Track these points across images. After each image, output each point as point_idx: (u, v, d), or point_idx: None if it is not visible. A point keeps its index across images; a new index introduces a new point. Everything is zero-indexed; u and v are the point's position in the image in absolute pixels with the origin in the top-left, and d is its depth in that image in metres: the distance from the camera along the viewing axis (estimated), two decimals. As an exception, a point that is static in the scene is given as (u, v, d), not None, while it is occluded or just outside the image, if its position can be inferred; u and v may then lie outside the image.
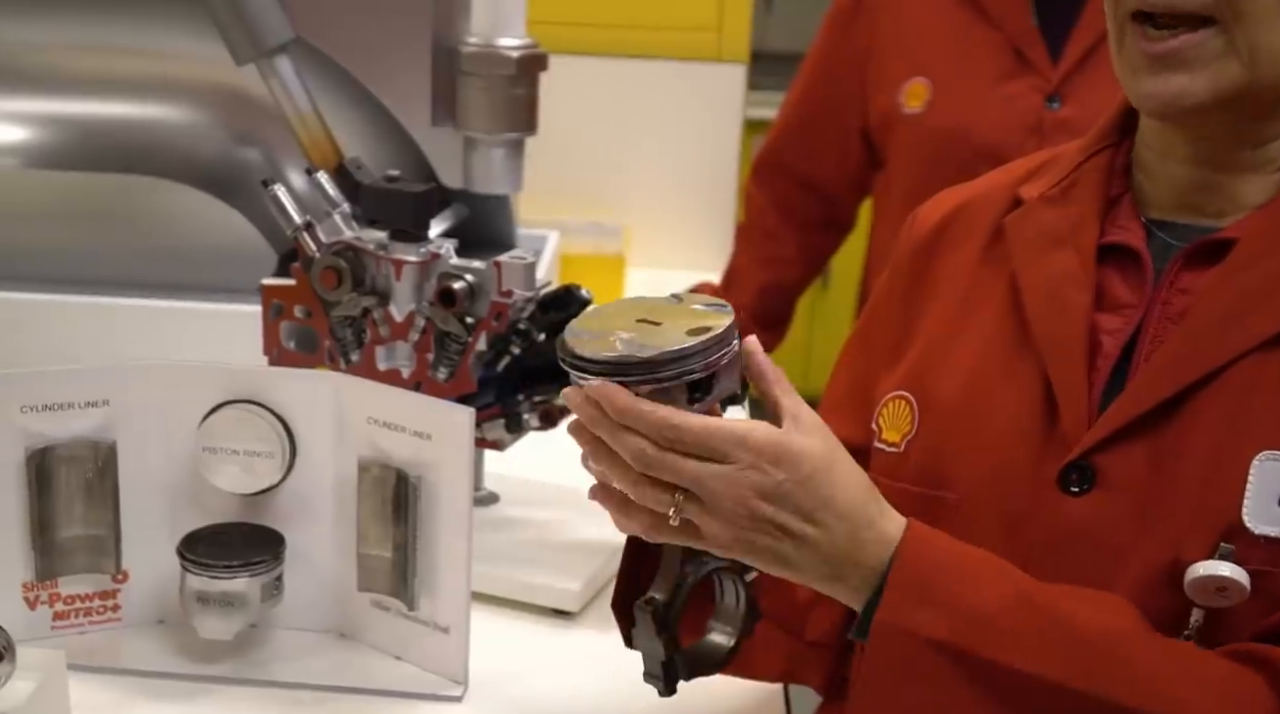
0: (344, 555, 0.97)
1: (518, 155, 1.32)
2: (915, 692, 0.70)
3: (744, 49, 2.01)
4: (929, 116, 1.52)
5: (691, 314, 0.73)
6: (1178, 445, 0.75)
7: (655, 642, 0.75)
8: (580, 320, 0.74)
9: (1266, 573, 0.72)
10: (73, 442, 0.94)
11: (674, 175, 2.02)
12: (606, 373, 0.69)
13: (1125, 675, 0.69)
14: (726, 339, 0.71)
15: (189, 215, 1.43)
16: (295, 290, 1.08)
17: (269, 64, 1.22)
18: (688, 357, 0.69)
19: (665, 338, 0.70)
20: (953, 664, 0.69)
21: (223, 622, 0.93)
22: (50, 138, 1.49)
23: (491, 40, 1.27)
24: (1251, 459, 0.73)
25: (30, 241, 1.45)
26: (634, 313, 0.73)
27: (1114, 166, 0.85)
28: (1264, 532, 0.72)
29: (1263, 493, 0.72)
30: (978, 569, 0.72)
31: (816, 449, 0.71)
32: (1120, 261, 0.82)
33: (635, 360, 0.69)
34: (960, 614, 0.70)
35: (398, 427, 0.93)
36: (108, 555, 0.96)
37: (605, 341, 0.70)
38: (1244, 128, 0.78)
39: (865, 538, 0.72)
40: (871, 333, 0.95)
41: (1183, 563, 0.73)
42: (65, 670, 0.87)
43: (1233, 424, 0.74)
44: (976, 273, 0.88)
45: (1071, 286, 0.81)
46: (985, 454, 0.81)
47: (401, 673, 0.95)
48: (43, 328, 1.38)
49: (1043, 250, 0.84)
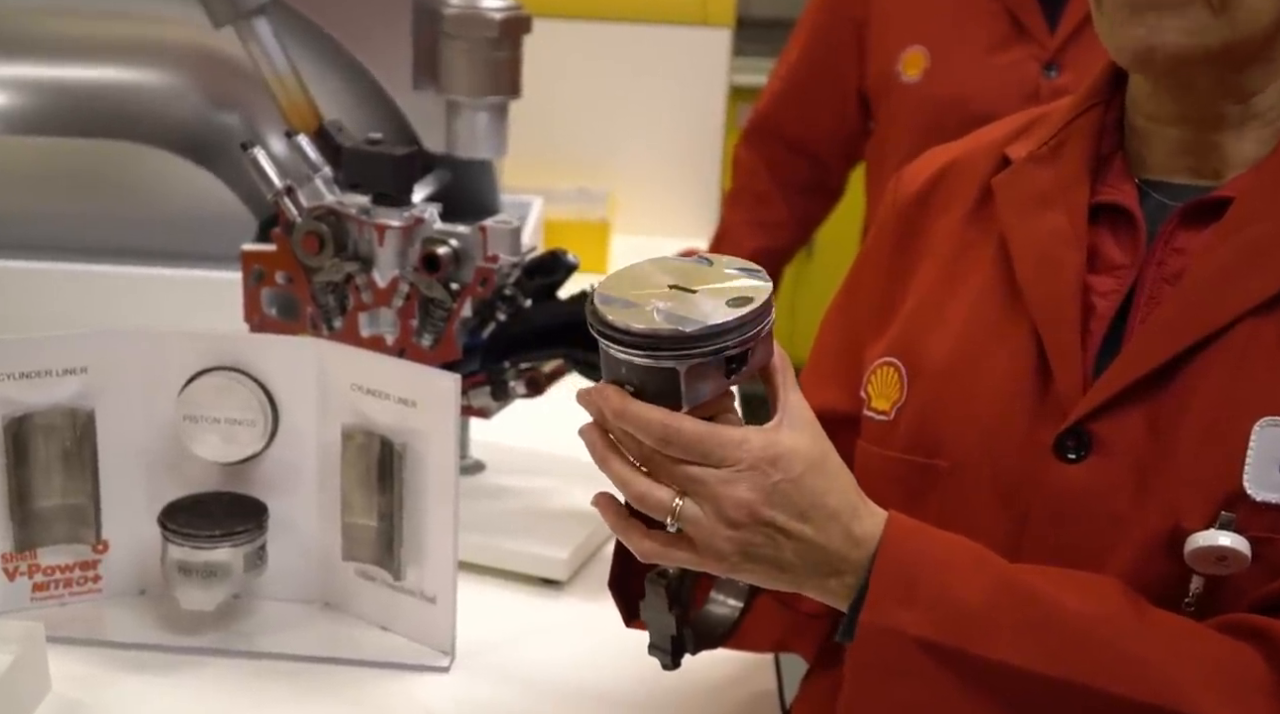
0: (328, 524, 0.96)
1: (501, 119, 1.31)
2: (902, 689, 0.69)
3: (729, 13, 2.01)
4: (926, 85, 1.52)
5: (727, 281, 0.69)
6: (1176, 410, 0.74)
7: (667, 616, 0.73)
8: (608, 283, 0.70)
9: (1267, 540, 0.71)
10: (50, 410, 0.93)
11: (659, 141, 2.02)
12: (644, 347, 0.66)
13: (1112, 662, 0.67)
14: (766, 311, 0.68)
15: (167, 181, 1.42)
16: (276, 256, 1.07)
17: (247, 26, 1.20)
18: (729, 330, 0.66)
19: (704, 309, 0.67)
20: (938, 661, 0.68)
21: (205, 592, 0.92)
22: (24, 102, 1.48)
23: (474, 2, 1.26)
24: (1252, 424, 0.71)
25: (5, 208, 1.44)
26: (665, 277, 0.70)
27: (1104, 124, 0.84)
28: (1265, 498, 0.71)
29: (1264, 459, 0.71)
30: (960, 562, 0.70)
31: (806, 447, 0.70)
32: (1113, 221, 0.81)
33: (677, 335, 0.65)
34: (943, 611, 0.68)
35: (382, 394, 0.91)
36: (87, 525, 0.95)
37: (641, 312, 0.67)
38: (1227, 80, 0.77)
39: (853, 534, 0.70)
40: (856, 297, 0.93)
41: (1183, 531, 0.72)
42: (44, 642, 0.86)
43: (1232, 388, 0.73)
44: (964, 235, 0.86)
45: (1063, 247, 0.80)
46: (977, 421, 0.80)
47: (388, 643, 0.94)
48: (20, 295, 1.37)
49: (1032, 211, 0.82)
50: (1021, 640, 0.67)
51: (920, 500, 0.80)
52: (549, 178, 1.92)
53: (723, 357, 0.67)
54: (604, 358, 0.69)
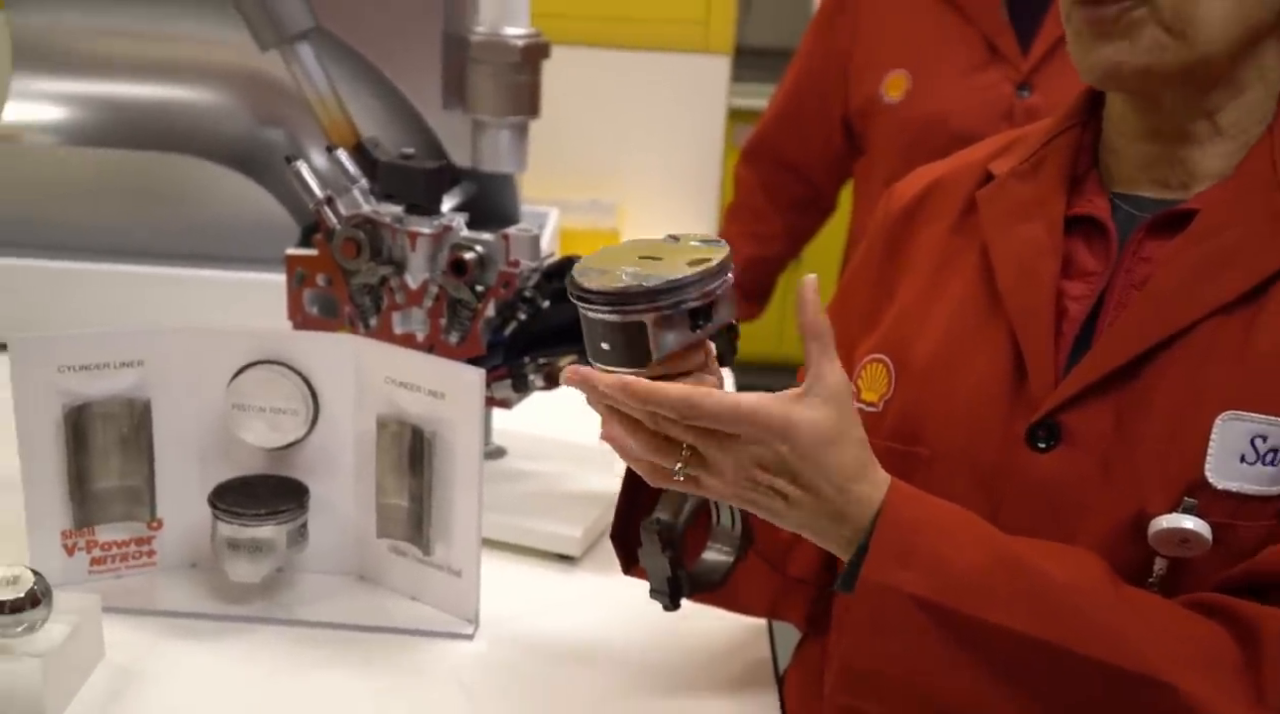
0: (364, 505, 0.96)
1: (522, 137, 1.31)
2: (897, 644, 0.68)
3: (728, 42, 2.00)
4: (908, 105, 1.50)
5: (690, 250, 0.71)
6: (1141, 404, 0.73)
7: (661, 559, 0.73)
8: (587, 259, 0.71)
9: (1227, 525, 0.70)
10: (109, 399, 0.92)
11: (664, 158, 2.02)
12: (612, 303, 0.67)
13: (1093, 630, 0.66)
14: (723, 269, 0.69)
15: (218, 191, 1.42)
16: (317, 260, 1.06)
17: (291, 50, 1.20)
18: (688, 285, 0.67)
19: (667, 270, 0.68)
20: (932, 619, 0.66)
21: (251, 566, 0.91)
22: (86, 117, 1.48)
23: (498, 30, 1.25)
24: (1213, 418, 0.70)
25: (69, 214, 1.44)
26: (636, 251, 0.71)
27: (1080, 144, 0.83)
28: (1226, 486, 0.70)
29: (1224, 450, 0.70)
30: (956, 529, 0.69)
31: (822, 422, 0.67)
32: (1086, 232, 0.80)
33: (639, 290, 0.66)
34: (940, 573, 0.67)
35: (413, 386, 0.91)
36: (143, 505, 0.95)
37: (611, 276, 0.68)
38: (1192, 99, 0.76)
39: (852, 496, 0.69)
40: (849, 299, 0.93)
41: (1147, 515, 0.71)
42: (100, 613, 0.85)
43: (1193, 384, 0.72)
44: (949, 244, 0.85)
45: (1040, 256, 0.79)
46: (957, 413, 0.79)
47: (417, 613, 0.93)
48: (81, 294, 1.37)
49: (1013, 222, 0.82)
50: (1011, 604, 0.66)
51: None
52: (565, 190, 1.92)
53: (684, 310, 0.67)
54: (583, 323, 0.69)
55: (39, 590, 0.78)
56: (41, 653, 0.78)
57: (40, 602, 0.78)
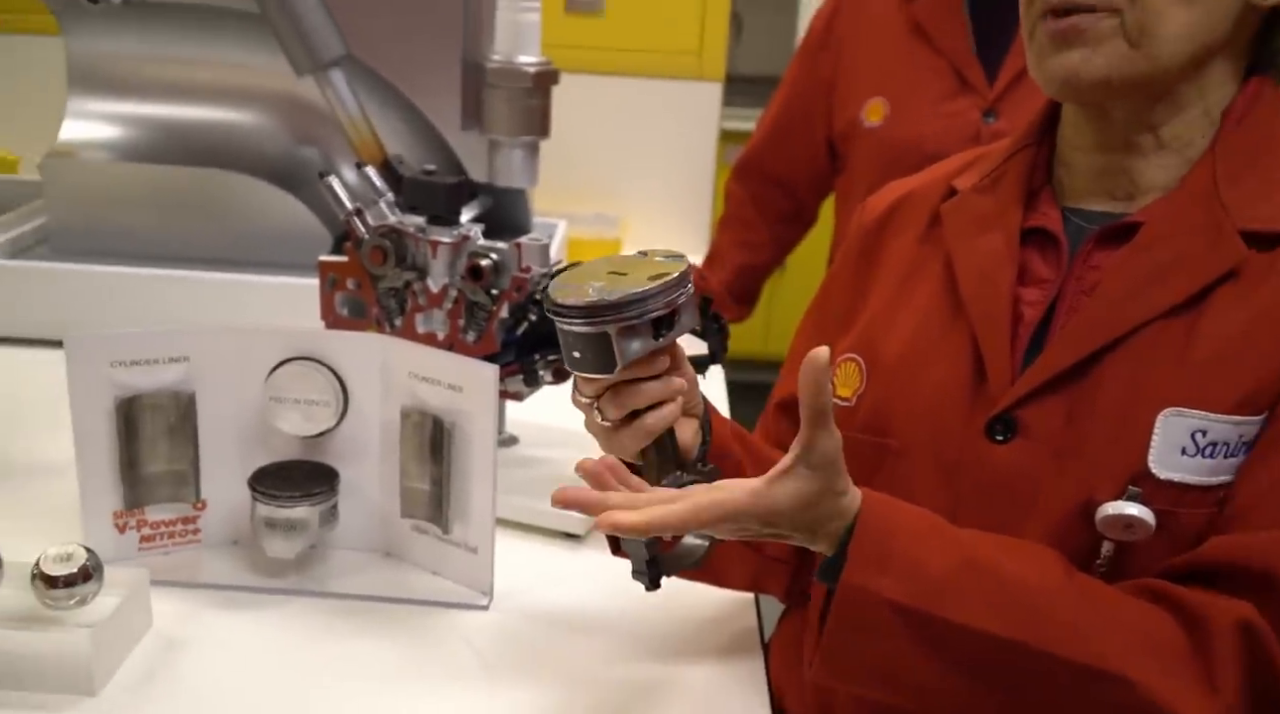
0: (389, 488, 0.95)
1: (533, 155, 1.30)
2: (874, 643, 0.66)
3: (720, 70, 2.00)
4: (886, 129, 1.50)
5: (653, 265, 0.70)
6: (1090, 401, 0.72)
7: (639, 545, 0.72)
8: (562, 276, 0.71)
9: (1169, 512, 0.69)
10: (157, 392, 0.92)
11: (662, 175, 2.01)
12: (582, 316, 0.67)
13: (1054, 627, 0.65)
14: (682, 282, 0.69)
15: (258, 203, 1.42)
16: (348, 266, 1.06)
17: (324, 76, 1.19)
18: (649, 297, 0.67)
19: (630, 284, 0.68)
20: (906, 621, 0.65)
21: (287, 543, 0.91)
22: (140, 135, 1.47)
23: (512, 58, 1.25)
24: (1156, 414, 0.70)
25: (123, 224, 1.43)
26: (606, 267, 0.71)
27: (1035, 163, 0.82)
28: (1168, 477, 0.69)
29: (1166, 444, 0.69)
30: (927, 534, 0.68)
31: (805, 490, 0.64)
32: (1040, 243, 0.79)
33: (604, 303, 0.67)
34: (914, 578, 0.65)
35: (434, 380, 0.90)
36: (188, 487, 0.94)
37: (581, 291, 0.68)
38: (1140, 112, 0.75)
39: (825, 516, 0.66)
40: (827, 304, 0.92)
41: (1095, 502, 0.70)
42: (148, 586, 0.85)
43: (1138, 383, 0.71)
44: (917, 253, 0.85)
45: (998, 265, 0.78)
46: (923, 408, 0.78)
47: (437, 586, 0.93)
48: (133, 296, 1.36)
49: (974, 233, 0.81)
50: (979, 606, 0.65)
51: (874, 474, 0.78)
52: (572, 204, 1.92)
53: (647, 320, 0.67)
54: (559, 333, 0.69)
55: (91, 566, 0.78)
56: (91, 624, 0.78)
57: (92, 576, 0.78)
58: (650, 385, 0.71)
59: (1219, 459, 0.69)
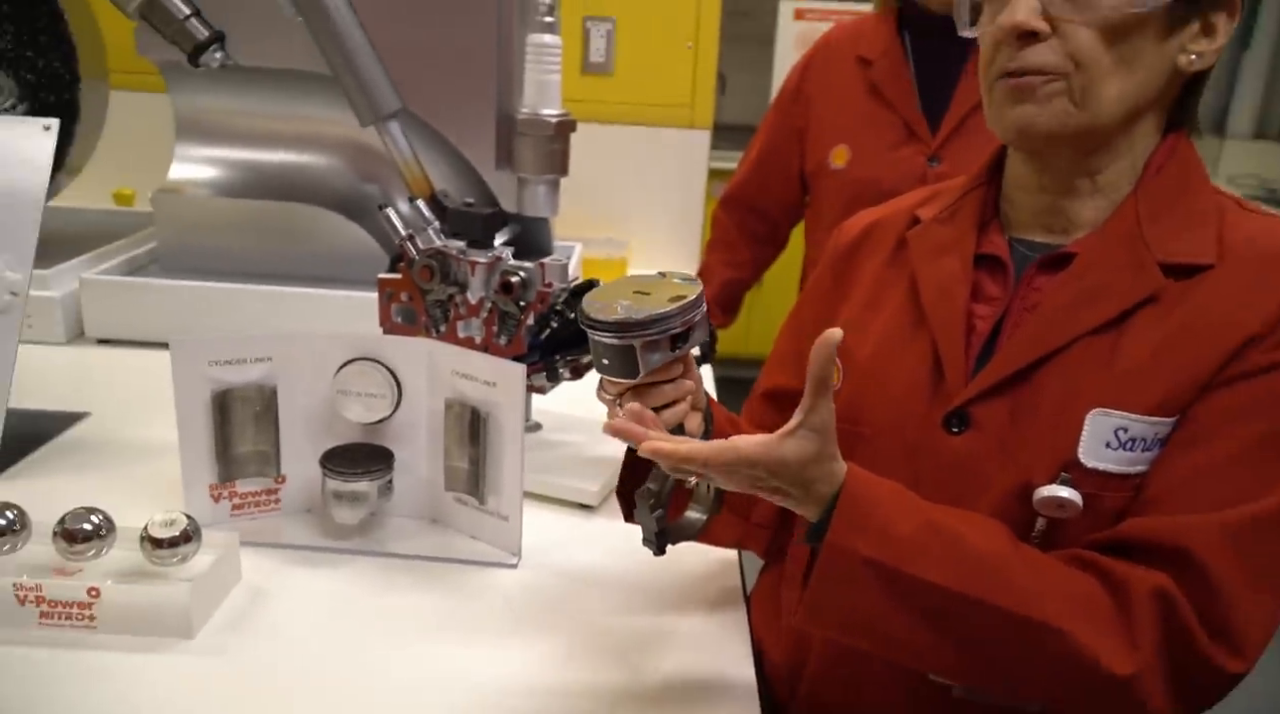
0: (435, 466, 0.94)
1: (555, 190, 1.29)
2: (851, 594, 0.65)
3: (709, 119, 1.98)
4: (849, 171, 1.49)
5: (672, 286, 0.69)
6: (1030, 401, 0.71)
7: (651, 518, 0.71)
8: (593, 293, 0.70)
9: (1095, 495, 0.68)
10: (246, 386, 0.91)
11: (661, 206, 2.00)
12: (612, 330, 0.66)
13: (1002, 584, 0.64)
14: (697, 303, 0.67)
15: (329, 230, 1.41)
16: (402, 282, 1.05)
17: (384, 126, 1.18)
18: (670, 317, 0.66)
19: (653, 304, 0.67)
20: (878, 575, 0.64)
21: (351, 511, 0.90)
22: (233, 176, 1.46)
23: (537, 110, 1.23)
24: (1086, 413, 0.68)
25: (219, 247, 1.43)
26: (631, 287, 0.70)
27: (986, 199, 0.81)
28: (1094, 466, 0.68)
29: (1094, 438, 0.68)
30: (898, 503, 0.66)
31: (808, 449, 0.63)
32: (990, 267, 0.78)
33: (632, 321, 0.65)
34: (884, 538, 0.64)
35: (472, 377, 0.89)
36: (270, 465, 0.93)
37: (611, 308, 0.66)
38: (1080, 160, 0.73)
39: (818, 486, 0.65)
40: (805, 313, 0.91)
41: (1032, 485, 0.69)
42: (238, 546, 0.84)
43: (1070, 387, 0.70)
44: (885, 273, 0.83)
45: (955, 284, 0.77)
46: (890, 403, 0.77)
47: (476, 547, 0.92)
48: (227, 307, 1.36)
49: (935, 257, 0.80)
50: (939, 564, 0.64)
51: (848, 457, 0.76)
52: (586, 230, 1.91)
53: (667, 335, 0.66)
54: (590, 343, 0.68)
55: (190, 530, 0.77)
56: (190, 578, 0.77)
57: (191, 538, 0.77)
58: (665, 387, 0.70)
59: (1137, 452, 0.68)
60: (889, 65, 1.47)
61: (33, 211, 0.92)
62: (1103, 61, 0.68)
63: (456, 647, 0.78)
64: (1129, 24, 0.68)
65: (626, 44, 1.92)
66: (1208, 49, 0.71)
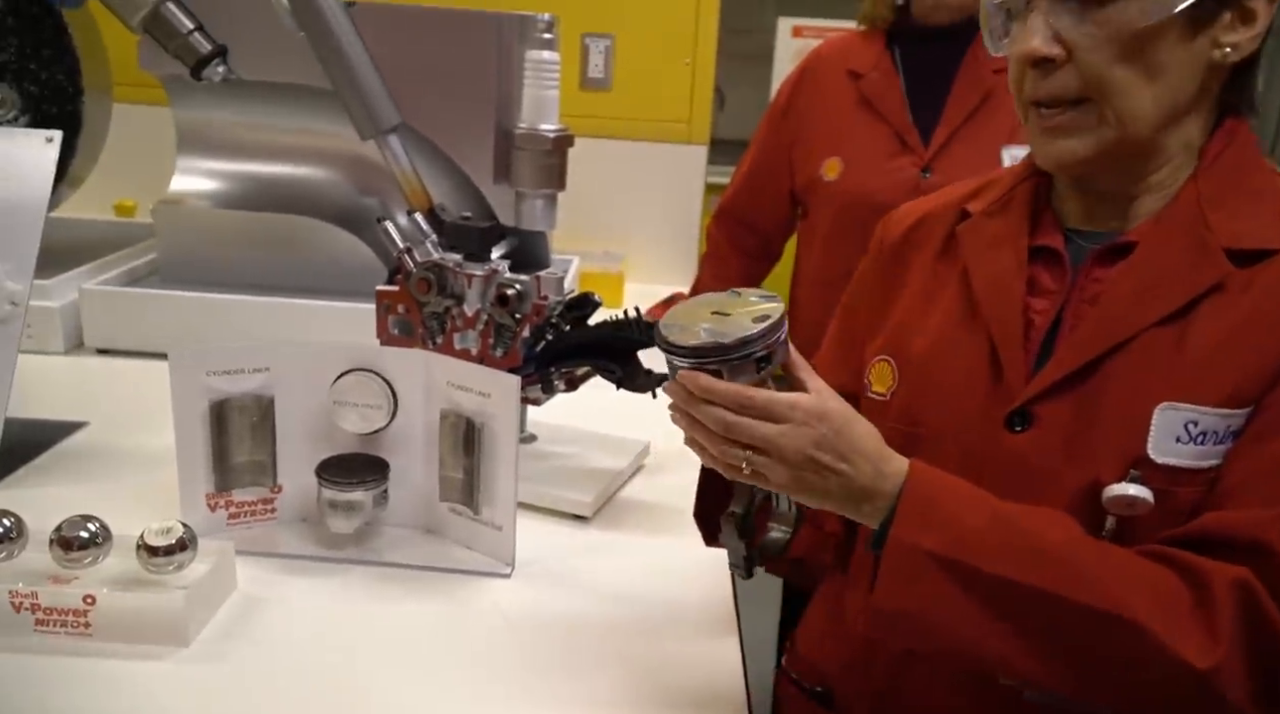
0: (430, 476, 0.94)
1: (552, 204, 1.30)
2: (918, 590, 0.63)
3: (705, 135, 2.00)
4: (841, 183, 1.49)
5: (752, 305, 0.66)
6: (1095, 397, 0.69)
7: (738, 542, 0.69)
8: (670, 316, 0.67)
9: (1166, 491, 0.66)
10: (243, 396, 0.91)
11: (657, 220, 2.00)
12: (694, 356, 0.63)
13: (1075, 577, 0.62)
14: (782, 323, 0.65)
15: (328, 242, 1.41)
16: (399, 294, 1.05)
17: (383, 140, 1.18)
18: (755, 340, 0.63)
19: (737, 326, 0.64)
20: (946, 570, 0.62)
21: (346, 521, 0.90)
22: (233, 188, 1.47)
23: (535, 126, 1.24)
24: (1154, 408, 0.66)
25: (219, 258, 1.43)
26: (708, 307, 0.67)
27: (1038, 191, 0.79)
28: (1165, 461, 0.66)
29: (1163, 433, 0.66)
30: (963, 498, 0.65)
31: (840, 409, 0.65)
32: (1046, 259, 0.75)
33: (715, 346, 0.63)
34: (952, 534, 0.63)
35: (467, 388, 0.90)
36: (267, 474, 0.93)
37: (692, 332, 0.64)
38: (1126, 168, 0.72)
39: (883, 473, 0.65)
40: (854, 311, 0.87)
41: (1100, 484, 0.67)
42: (234, 555, 0.84)
43: (1136, 382, 0.67)
44: (936, 268, 0.80)
45: (1009, 278, 0.74)
46: (948, 402, 0.74)
47: (469, 557, 0.92)
48: (226, 317, 1.36)
49: (987, 250, 0.77)
50: (1008, 557, 0.62)
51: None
52: (584, 244, 1.91)
53: (752, 358, 0.64)
54: (669, 369, 0.65)
55: (186, 538, 0.77)
56: (185, 586, 0.77)
57: (187, 547, 0.77)
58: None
59: (1209, 446, 0.66)
60: (879, 78, 1.48)
61: (34, 222, 0.93)
62: (1127, 78, 0.67)
63: (450, 655, 0.78)
64: (1144, 36, 0.66)
65: (625, 60, 1.94)
66: (1244, 38, 0.68)
